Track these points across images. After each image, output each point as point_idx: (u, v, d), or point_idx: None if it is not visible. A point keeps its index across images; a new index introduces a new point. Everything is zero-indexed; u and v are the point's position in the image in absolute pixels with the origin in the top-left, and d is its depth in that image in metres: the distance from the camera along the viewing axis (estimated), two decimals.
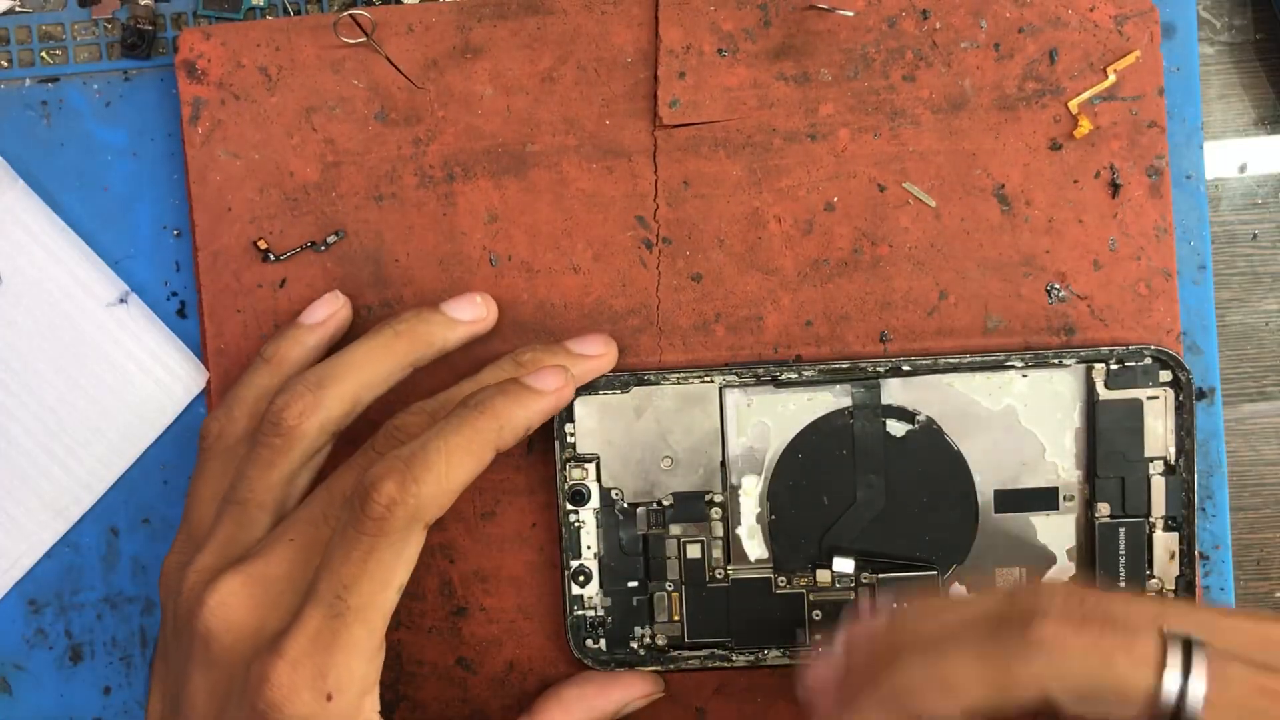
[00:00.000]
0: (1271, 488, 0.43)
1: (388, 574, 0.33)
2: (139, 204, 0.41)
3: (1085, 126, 0.39)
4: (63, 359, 0.41)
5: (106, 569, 0.42)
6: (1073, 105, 0.39)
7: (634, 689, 0.39)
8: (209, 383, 0.41)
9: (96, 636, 0.42)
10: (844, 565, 0.39)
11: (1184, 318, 0.40)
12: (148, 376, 0.41)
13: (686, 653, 0.40)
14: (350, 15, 0.39)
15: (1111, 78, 0.39)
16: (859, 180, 0.40)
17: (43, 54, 0.42)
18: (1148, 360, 0.38)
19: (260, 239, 0.40)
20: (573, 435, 0.39)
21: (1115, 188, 0.40)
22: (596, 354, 0.38)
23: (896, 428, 0.39)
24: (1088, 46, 0.39)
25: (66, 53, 0.42)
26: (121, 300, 0.41)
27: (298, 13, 0.41)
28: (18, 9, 0.42)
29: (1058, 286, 0.40)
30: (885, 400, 0.39)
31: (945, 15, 0.39)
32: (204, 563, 0.34)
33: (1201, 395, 0.40)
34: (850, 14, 0.39)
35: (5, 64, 0.42)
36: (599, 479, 0.39)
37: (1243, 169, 0.42)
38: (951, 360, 0.39)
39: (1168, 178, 0.39)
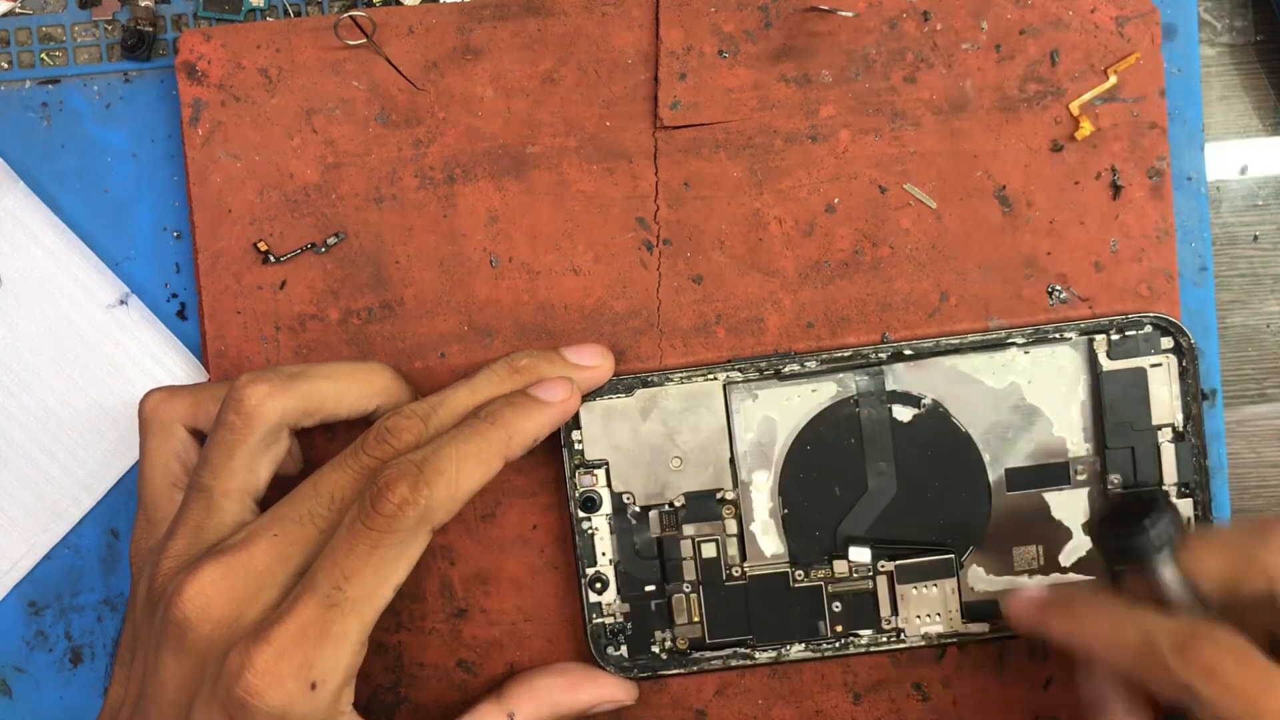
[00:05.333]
0: (1273, 489, 0.43)
1: (389, 570, 0.33)
2: (139, 206, 0.41)
3: (1086, 128, 0.39)
4: (63, 360, 0.41)
5: (107, 571, 0.42)
6: (1074, 107, 0.39)
7: (605, 692, 0.39)
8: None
9: (97, 639, 0.42)
10: (860, 555, 0.39)
11: (1185, 319, 0.40)
12: (148, 378, 0.41)
13: (709, 653, 0.39)
14: (350, 17, 0.39)
15: (1113, 79, 0.39)
16: (860, 182, 0.40)
17: (43, 56, 0.42)
18: (1148, 328, 0.39)
19: (260, 241, 0.40)
20: (580, 442, 0.39)
21: (1116, 189, 0.39)
22: (593, 364, 0.38)
23: (903, 413, 0.39)
24: (1089, 48, 0.39)
25: (67, 54, 0.41)
26: (122, 302, 0.41)
27: (298, 14, 0.41)
28: (18, 10, 0.42)
29: (1059, 288, 0.40)
30: (889, 386, 0.39)
31: (946, 17, 0.39)
32: (176, 548, 0.34)
33: (1203, 397, 0.40)
34: (851, 15, 0.39)
35: (5, 65, 0.42)
36: (609, 484, 0.39)
37: (1244, 170, 0.42)
38: (953, 342, 0.39)
39: (1169, 179, 0.39)
